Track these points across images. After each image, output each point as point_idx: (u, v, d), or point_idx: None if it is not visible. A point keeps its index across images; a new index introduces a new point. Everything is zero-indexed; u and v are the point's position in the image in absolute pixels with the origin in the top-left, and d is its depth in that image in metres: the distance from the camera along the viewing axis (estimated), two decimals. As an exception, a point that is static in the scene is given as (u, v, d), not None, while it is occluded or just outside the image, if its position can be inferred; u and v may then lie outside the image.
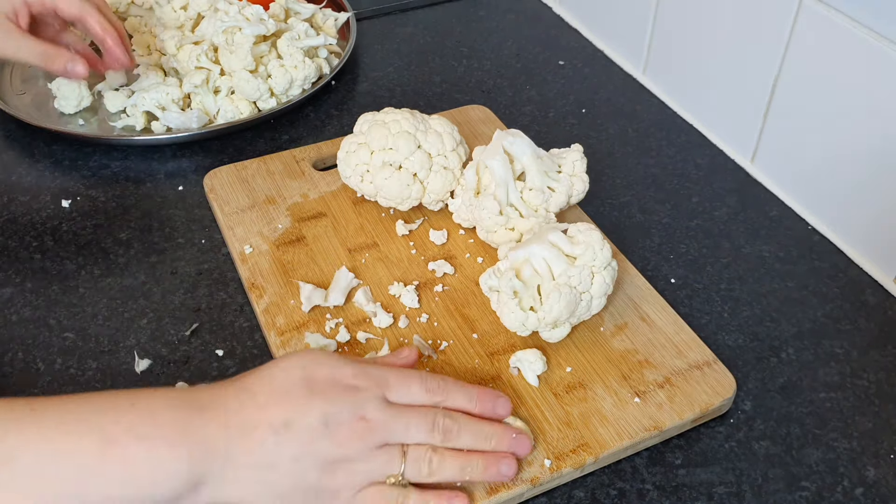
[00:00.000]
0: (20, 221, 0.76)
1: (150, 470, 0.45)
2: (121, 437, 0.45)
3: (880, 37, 0.66)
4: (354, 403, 0.50)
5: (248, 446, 0.48)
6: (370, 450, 0.50)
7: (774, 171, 0.81)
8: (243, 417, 0.48)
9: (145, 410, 0.46)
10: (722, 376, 0.61)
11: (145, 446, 0.45)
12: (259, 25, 0.87)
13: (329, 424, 0.49)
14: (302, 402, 0.49)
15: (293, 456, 0.48)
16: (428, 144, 0.71)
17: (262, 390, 0.50)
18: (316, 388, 0.50)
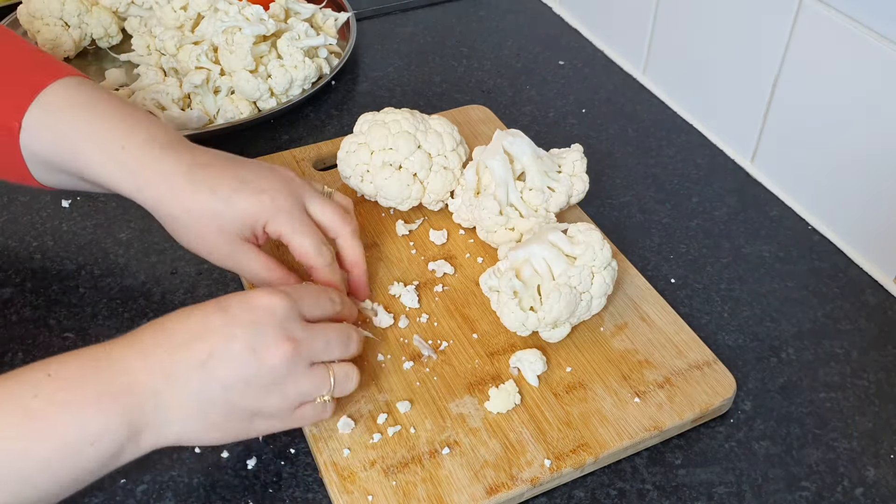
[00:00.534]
0: (20, 221, 0.76)
1: (82, 433, 0.45)
2: (43, 409, 0.45)
3: (880, 37, 0.66)
4: (275, 324, 0.50)
5: (176, 385, 0.48)
6: (299, 371, 0.51)
7: (774, 171, 0.81)
8: (164, 359, 0.48)
9: (63, 377, 0.46)
10: (722, 376, 0.61)
11: (72, 413, 0.45)
12: (259, 25, 0.87)
13: (255, 349, 0.49)
14: (222, 331, 0.49)
15: (223, 386, 0.49)
16: (428, 144, 0.72)
17: (178, 328, 0.49)
18: (232, 315, 0.50)
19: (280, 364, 0.50)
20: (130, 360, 0.48)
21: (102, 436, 0.46)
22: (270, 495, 0.56)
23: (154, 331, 0.50)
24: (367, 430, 0.58)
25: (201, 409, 0.49)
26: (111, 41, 0.99)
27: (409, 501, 0.54)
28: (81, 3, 0.97)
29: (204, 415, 0.49)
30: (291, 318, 0.51)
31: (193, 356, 0.48)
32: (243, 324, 0.49)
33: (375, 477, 0.55)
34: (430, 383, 0.61)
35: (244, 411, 0.50)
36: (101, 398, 0.46)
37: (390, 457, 0.56)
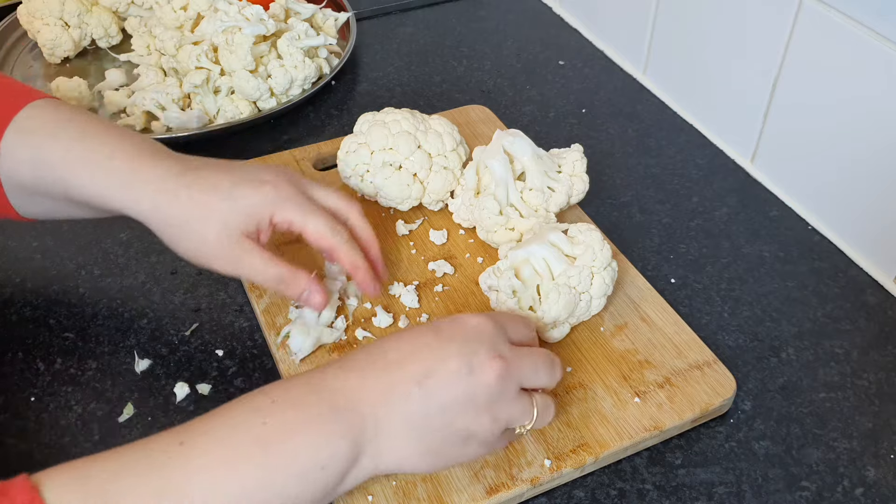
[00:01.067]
0: (20, 221, 0.76)
1: (315, 457, 0.45)
2: (275, 435, 0.44)
3: (880, 37, 0.66)
4: (487, 342, 0.50)
5: (394, 404, 0.47)
6: (511, 392, 0.50)
7: (774, 171, 0.81)
8: (383, 380, 0.47)
9: (287, 402, 0.46)
10: (722, 376, 0.61)
11: (303, 437, 0.45)
12: (259, 25, 0.87)
13: (470, 366, 0.48)
14: (437, 348, 0.49)
15: (440, 405, 0.48)
16: (428, 144, 0.71)
17: (392, 347, 0.49)
18: (443, 333, 0.49)
19: (494, 382, 0.49)
20: (348, 381, 0.47)
21: (333, 458, 0.45)
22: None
23: (367, 353, 0.49)
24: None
25: (418, 430, 0.48)
26: (111, 41, 0.99)
27: (409, 501, 0.53)
28: (81, 3, 0.97)
29: (420, 437, 0.48)
30: (501, 339, 0.51)
31: (410, 374, 0.48)
32: (457, 341, 0.49)
33: (375, 477, 0.55)
34: (430, 383, 0.61)
35: (459, 433, 0.49)
36: (327, 420, 0.45)
37: (390, 457, 0.56)
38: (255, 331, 0.66)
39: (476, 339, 0.50)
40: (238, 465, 0.43)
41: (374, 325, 0.65)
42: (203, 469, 0.43)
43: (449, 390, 0.48)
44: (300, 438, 0.45)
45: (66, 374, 0.63)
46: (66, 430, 0.59)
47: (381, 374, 0.48)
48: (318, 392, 0.47)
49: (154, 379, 0.63)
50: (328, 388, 0.47)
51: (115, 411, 0.60)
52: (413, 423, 0.48)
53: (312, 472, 0.45)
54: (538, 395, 0.53)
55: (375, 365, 0.48)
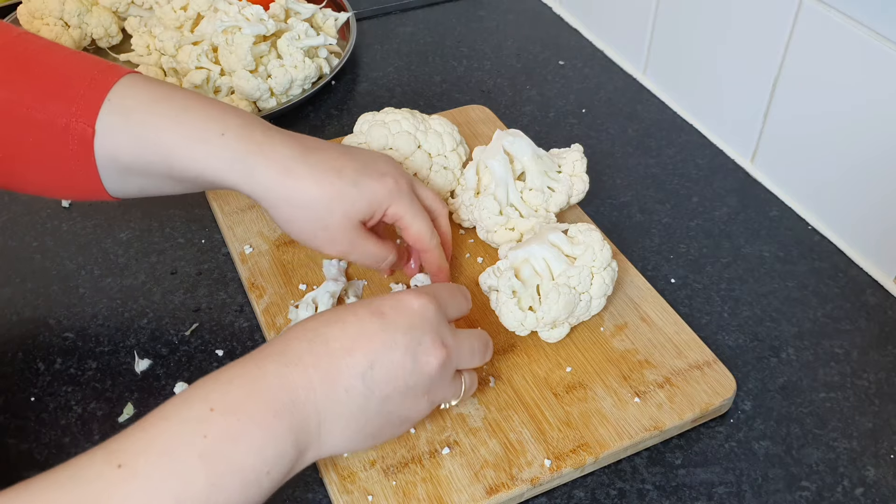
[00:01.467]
0: (20, 221, 0.76)
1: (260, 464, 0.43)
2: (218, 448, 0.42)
3: (880, 37, 0.66)
4: (431, 329, 0.49)
5: (337, 398, 0.46)
6: (448, 378, 0.51)
7: (774, 171, 0.81)
8: (326, 372, 0.46)
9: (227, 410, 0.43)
10: (722, 376, 0.61)
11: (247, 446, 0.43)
12: (259, 25, 0.87)
13: (415, 355, 0.48)
14: (381, 337, 0.48)
15: (383, 395, 0.48)
16: (428, 144, 0.71)
17: (334, 335, 0.47)
18: (387, 318, 0.48)
19: (436, 371, 0.49)
20: (289, 377, 0.45)
21: (277, 462, 0.44)
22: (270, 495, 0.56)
23: (308, 338, 0.47)
24: (367, 430, 0.58)
25: (360, 420, 0.48)
26: (111, 41, 0.99)
27: (409, 501, 0.54)
28: (81, 2, 0.97)
29: (363, 426, 0.48)
30: (442, 322, 0.50)
31: (353, 367, 0.47)
32: (401, 329, 0.48)
33: (375, 477, 0.55)
34: (430, 383, 0.61)
35: (399, 418, 0.50)
36: (270, 426, 0.44)
37: (390, 457, 0.56)
38: (255, 331, 0.66)
39: (420, 326, 0.49)
40: (182, 484, 0.41)
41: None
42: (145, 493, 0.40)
43: (392, 382, 0.48)
44: (244, 448, 0.43)
45: (66, 374, 0.63)
46: (66, 430, 0.59)
47: (323, 366, 0.46)
48: (258, 395, 0.44)
49: (154, 379, 0.63)
50: (269, 389, 0.45)
51: (115, 411, 0.60)
52: (355, 414, 0.47)
53: (258, 479, 0.43)
54: (466, 374, 0.54)
55: (318, 356, 0.46)
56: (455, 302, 0.54)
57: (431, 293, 0.51)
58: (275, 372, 0.45)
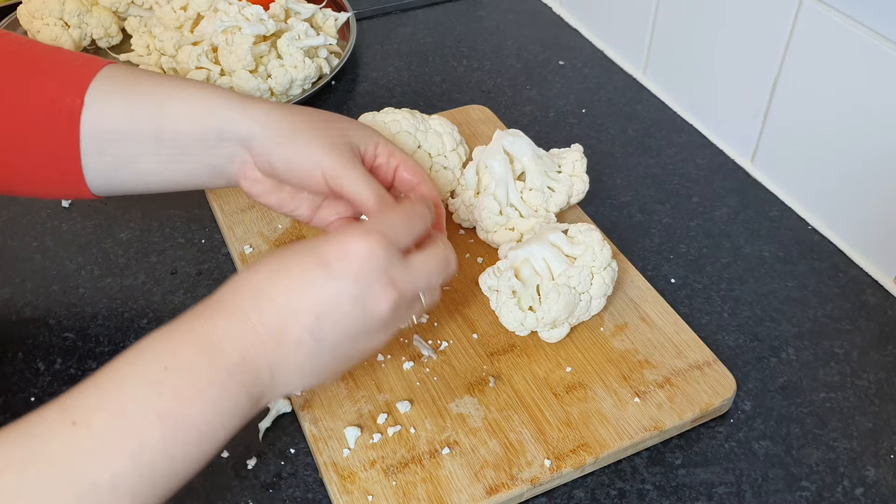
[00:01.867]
0: (21, 222, 0.76)
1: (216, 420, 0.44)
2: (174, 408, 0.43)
3: (880, 37, 0.66)
4: (379, 272, 0.48)
5: (288, 352, 0.46)
6: (403, 310, 0.50)
7: (774, 171, 0.81)
8: (272, 326, 0.46)
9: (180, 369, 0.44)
10: (722, 376, 0.61)
11: (202, 404, 0.44)
12: (259, 25, 0.87)
13: (363, 303, 0.47)
14: (327, 288, 0.47)
15: (333, 342, 0.48)
16: (428, 144, 0.71)
17: (278, 287, 0.47)
18: (331, 268, 0.47)
19: (387, 312, 0.48)
20: (237, 335, 0.45)
21: (232, 415, 0.45)
22: (270, 495, 0.56)
23: (253, 293, 0.47)
24: (367, 430, 0.58)
25: (314, 365, 0.48)
26: (111, 41, 0.99)
27: (409, 501, 0.54)
28: (81, 2, 0.97)
29: (317, 369, 0.48)
30: (392, 261, 0.49)
31: (301, 322, 0.46)
32: (347, 277, 0.47)
33: (375, 477, 0.55)
34: (430, 383, 0.61)
35: (356, 355, 0.50)
36: (223, 383, 0.44)
37: (390, 457, 0.56)
38: (255, 331, 0.66)
39: (367, 273, 0.48)
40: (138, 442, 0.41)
41: (374, 325, 0.65)
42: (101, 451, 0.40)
43: (342, 330, 0.47)
44: (199, 406, 0.43)
45: (66, 374, 0.63)
46: (66, 430, 0.59)
47: (271, 323, 0.46)
48: (209, 354, 0.45)
49: (154, 379, 0.63)
50: (219, 347, 0.45)
51: (115, 411, 0.60)
52: (307, 362, 0.47)
53: (214, 432, 0.44)
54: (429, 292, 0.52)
55: (264, 313, 0.46)
56: (408, 226, 0.52)
57: (379, 229, 0.49)
58: (224, 329, 0.45)
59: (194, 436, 0.43)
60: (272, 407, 0.60)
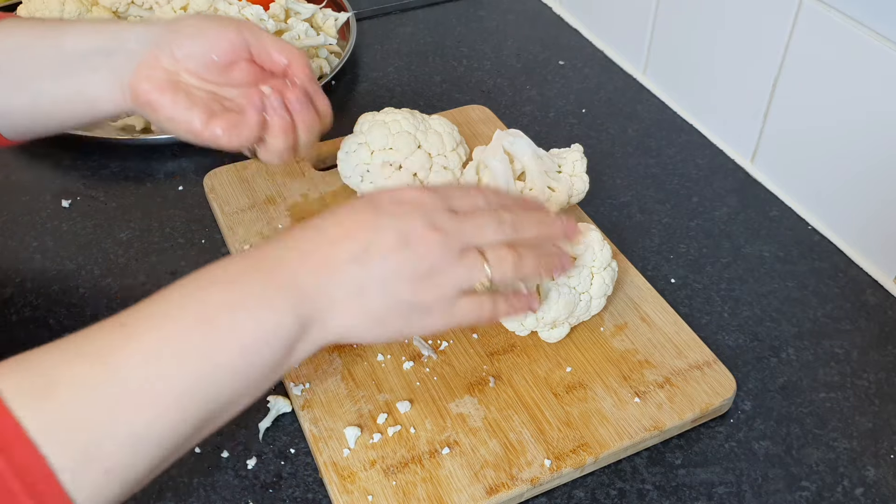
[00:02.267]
0: (20, 221, 0.76)
1: (259, 333, 0.45)
2: (217, 314, 0.44)
3: (880, 37, 0.66)
4: (424, 216, 0.50)
5: (337, 279, 0.47)
6: (452, 258, 0.50)
7: (774, 171, 0.81)
8: (322, 256, 0.48)
9: (227, 281, 0.46)
10: (722, 376, 0.61)
11: (246, 314, 0.45)
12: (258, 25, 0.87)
13: (405, 239, 0.49)
14: (373, 225, 0.49)
15: (381, 277, 0.48)
16: (428, 144, 0.71)
17: (331, 225, 0.49)
18: (382, 210, 0.50)
19: (430, 252, 0.49)
20: (288, 258, 0.47)
21: (277, 333, 0.45)
22: (270, 495, 0.56)
23: (306, 231, 0.49)
24: (367, 430, 0.58)
25: (362, 301, 0.48)
26: (111, 41, 0.99)
27: (409, 501, 0.54)
28: (81, 2, 0.97)
29: (365, 307, 0.49)
30: (439, 210, 0.50)
31: (348, 249, 0.48)
32: (393, 216, 0.49)
33: (375, 477, 0.55)
34: (430, 383, 0.61)
35: (403, 304, 0.49)
36: (268, 296, 0.46)
37: (390, 457, 0.56)
38: (255, 331, 0.66)
39: (412, 213, 0.50)
40: (180, 343, 0.43)
41: (374, 325, 0.65)
42: (145, 349, 0.43)
43: (386, 263, 0.48)
44: (243, 314, 0.45)
45: (66, 374, 0.63)
46: (66, 430, 0.59)
47: (320, 251, 0.48)
48: (258, 270, 0.47)
49: (154, 379, 0.63)
50: (269, 266, 0.47)
51: (115, 411, 0.60)
52: (355, 294, 0.48)
53: (257, 348, 0.45)
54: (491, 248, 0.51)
55: (314, 242, 0.49)
56: (464, 195, 0.53)
57: (434, 188, 0.52)
58: (274, 255, 0.48)
59: (236, 345, 0.44)
60: (272, 407, 0.60)
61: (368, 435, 0.57)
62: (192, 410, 0.43)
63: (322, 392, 0.60)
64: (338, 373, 0.61)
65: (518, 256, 0.52)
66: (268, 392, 0.61)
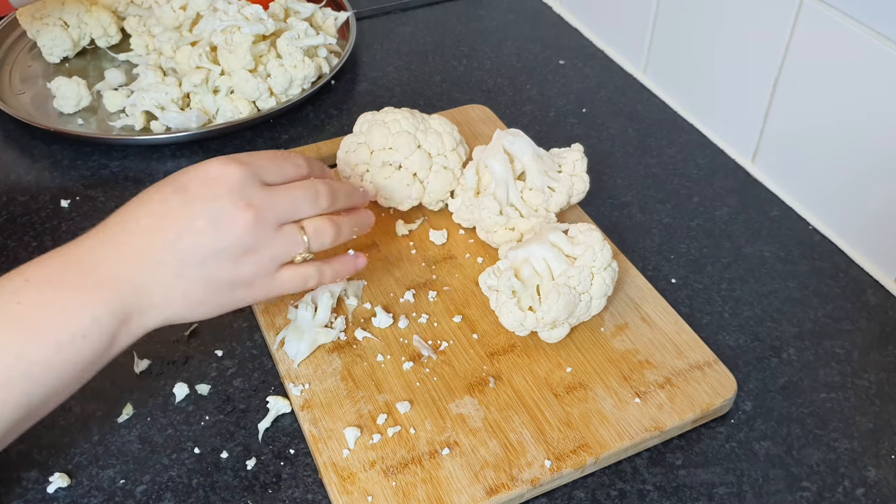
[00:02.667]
0: (19, 221, 0.76)
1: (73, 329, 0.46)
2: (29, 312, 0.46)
3: (880, 36, 0.66)
4: (232, 193, 0.50)
5: (151, 269, 0.49)
6: (268, 233, 0.51)
7: (775, 171, 0.81)
8: (136, 248, 0.49)
9: (41, 280, 0.47)
10: (722, 376, 0.61)
11: (58, 311, 0.46)
12: (258, 25, 0.87)
13: (217, 222, 0.49)
14: (183, 210, 0.49)
15: (196, 262, 0.49)
16: (428, 144, 0.71)
17: (144, 215, 0.50)
18: (189, 192, 0.50)
19: (244, 232, 0.50)
20: (102, 252, 0.49)
21: (93, 328, 0.47)
22: (270, 496, 0.56)
23: (121, 218, 0.50)
24: (367, 430, 0.58)
25: (181, 287, 0.50)
26: (110, 41, 0.99)
27: (409, 502, 0.53)
28: (81, 2, 0.97)
29: (185, 293, 0.50)
30: (249, 185, 0.51)
31: (162, 238, 0.49)
32: (202, 199, 0.50)
33: (375, 477, 0.55)
34: (430, 384, 0.61)
35: (223, 283, 0.51)
36: (82, 293, 0.47)
37: (390, 457, 0.56)
38: (254, 331, 0.66)
39: (221, 193, 0.50)
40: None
41: (374, 325, 0.65)
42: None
43: (199, 248, 0.49)
44: (56, 311, 0.46)
45: (65, 374, 0.63)
46: (65, 431, 0.59)
47: (134, 242, 0.49)
48: (73, 268, 0.48)
49: (153, 379, 0.63)
50: (82, 262, 0.48)
51: (114, 412, 0.60)
52: (172, 281, 0.49)
53: (73, 341, 0.46)
54: (307, 222, 0.53)
55: (129, 233, 0.49)
56: (279, 167, 0.53)
57: (241, 159, 0.52)
58: (89, 248, 0.49)
59: (52, 341, 0.46)
60: (272, 407, 0.60)
61: (368, 435, 0.57)
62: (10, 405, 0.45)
63: (321, 392, 0.60)
64: (337, 373, 0.61)
65: (336, 226, 0.54)
66: (265, 392, 0.62)
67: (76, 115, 0.88)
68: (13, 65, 0.96)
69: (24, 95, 0.91)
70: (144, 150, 0.84)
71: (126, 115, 0.87)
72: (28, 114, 0.87)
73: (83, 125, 0.87)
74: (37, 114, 0.88)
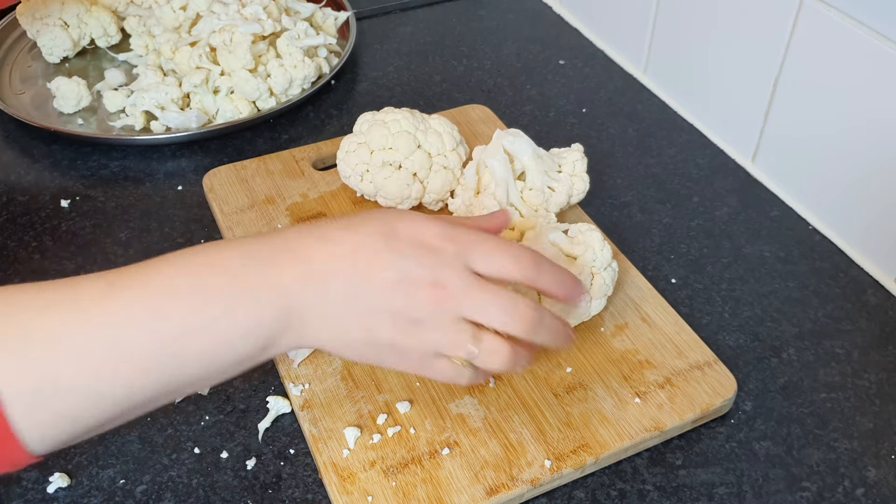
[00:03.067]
0: (19, 221, 0.76)
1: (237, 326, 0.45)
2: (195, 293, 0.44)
3: (880, 36, 0.66)
4: (432, 266, 0.47)
5: (322, 296, 0.47)
6: (443, 321, 0.47)
7: (775, 171, 0.81)
8: (316, 267, 0.47)
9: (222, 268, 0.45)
10: (722, 376, 0.61)
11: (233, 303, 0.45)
12: (257, 25, 0.87)
13: (403, 282, 0.47)
14: (380, 256, 0.47)
15: (365, 309, 0.47)
16: (428, 144, 0.71)
17: (337, 238, 0.48)
18: (395, 243, 0.47)
19: (421, 305, 0.47)
20: (282, 260, 0.46)
21: (255, 330, 0.45)
22: (270, 496, 0.56)
23: (310, 235, 0.48)
24: (367, 430, 0.58)
25: (341, 325, 0.47)
26: (110, 41, 0.99)
27: (409, 502, 0.53)
28: (81, 2, 0.97)
29: (343, 332, 0.48)
30: (454, 266, 0.47)
31: (343, 270, 0.47)
32: (402, 255, 0.47)
33: (375, 477, 0.55)
34: (430, 384, 0.61)
35: (379, 341, 0.48)
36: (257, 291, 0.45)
37: (390, 457, 0.56)
38: (254, 331, 0.66)
39: (423, 259, 0.47)
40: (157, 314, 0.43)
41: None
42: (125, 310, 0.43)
43: (376, 299, 0.47)
44: (225, 302, 0.44)
45: (66, 374, 0.63)
46: (65, 431, 0.59)
47: (317, 264, 0.47)
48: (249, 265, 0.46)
49: (153, 379, 0.63)
50: (264, 265, 0.46)
51: (114, 412, 0.60)
52: (336, 316, 0.47)
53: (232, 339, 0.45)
54: (488, 335, 0.48)
55: (314, 250, 0.47)
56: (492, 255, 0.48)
57: (458, 238, 0.48)
58: (269, 251, 0.47)
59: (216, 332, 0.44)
60: (272, 407, 0.60)
61: (368, 435, 0.57)
62: (152, 379, 0.43)
63: (322, 392, 0.60)
64: (337, 373, 0.61)
65: (514, 358, 0.49)
66: (265, 392, 0.62)
67: (76, 115, 0.88)
68: (13, 65, 0.96)
69: (24, 95, 0.91)
70: (144, 150, 0.84)
71: (126, 115, 0.87)
72: (28, 114, 0.87)
73: (83, 125, 0.87)
74: (37, 114, 0.88)
